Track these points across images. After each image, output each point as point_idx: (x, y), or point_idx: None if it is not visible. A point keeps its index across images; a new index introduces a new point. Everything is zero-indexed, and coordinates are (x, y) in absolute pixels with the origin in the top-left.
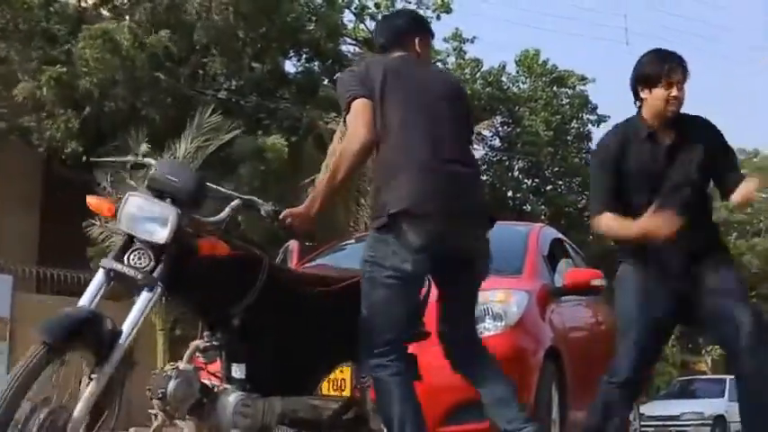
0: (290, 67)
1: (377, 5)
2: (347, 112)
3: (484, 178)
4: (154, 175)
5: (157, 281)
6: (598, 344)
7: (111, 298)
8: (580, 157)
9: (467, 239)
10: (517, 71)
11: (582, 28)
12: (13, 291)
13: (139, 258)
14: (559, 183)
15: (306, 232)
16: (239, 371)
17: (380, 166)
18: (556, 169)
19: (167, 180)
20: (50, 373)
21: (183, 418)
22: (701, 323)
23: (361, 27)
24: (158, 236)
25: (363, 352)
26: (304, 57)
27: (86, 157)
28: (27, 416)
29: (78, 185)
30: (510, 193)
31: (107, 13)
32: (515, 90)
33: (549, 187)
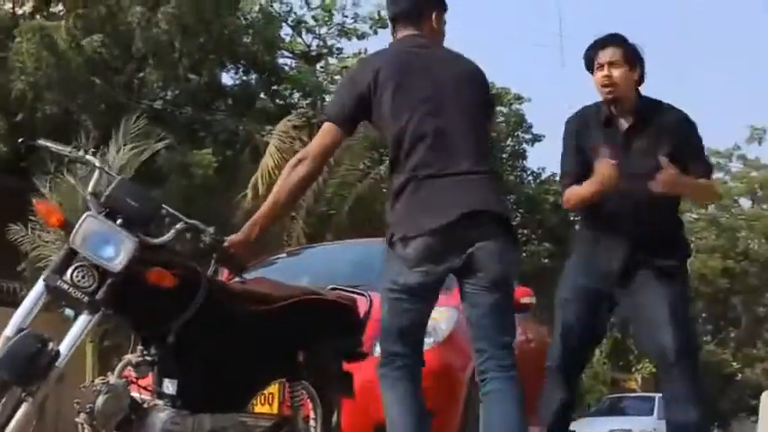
0: (227, 79)
1: (314, 18)
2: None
3: None
4: (112, 194)
5: (101, 306)
6: (527, 361)
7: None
8: (515, 174)
9: (464, 248)
10: None
11: (519, 47)
12: None
13: (83, 277)
14: None
15: (239, 264)
16: (171, 386)
17: (390, 179)
18: None
19: (126, 203)
20: None
21: None
22: (628, 321)
23: (298, 40)
24: (112, 263)
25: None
26: (241, 69)
27: (19, 163)
28: None
29: (5, 192)
30: None
31: (43, 21)
32: None
33: None
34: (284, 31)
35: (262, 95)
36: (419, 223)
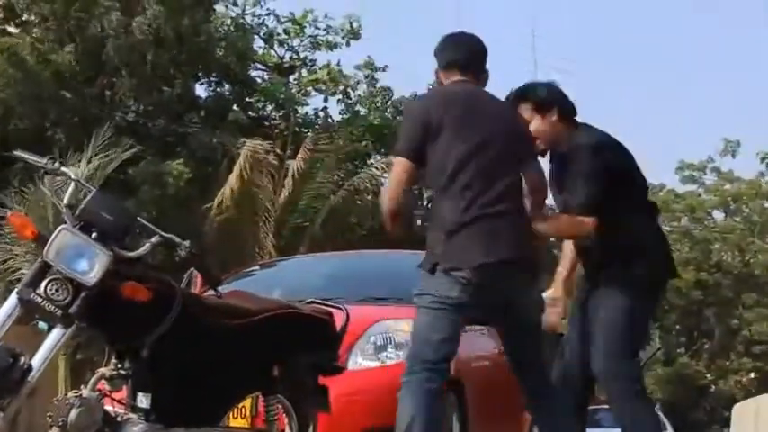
0: (200, 91)
1: (286, 32)
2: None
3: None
4: (87, 207)
5: (74, 320)
6: (500, 374)
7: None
8: None
9: (501, 286)
10: None
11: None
12: None
13: (57, 290)
14: None
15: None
16: (145, 400)
17: (432, 210)
18: None
19: (101, 216)
20: None
21: None
22: None
23: (271, 53)
24: (86, 277)
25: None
26: (214, 81)
27: None
28: None
29: None
30: (419, 222)
31: (14, 30)
32: None
33: None
34: (257, 43)
35: (235, 107)
36: (469, 258)
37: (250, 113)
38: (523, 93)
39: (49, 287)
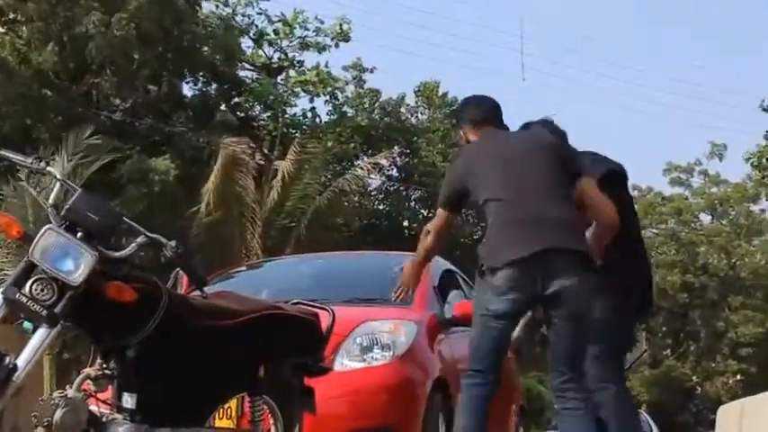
0: (187, 90)
1: (275, 32)
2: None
3: (380, 207)
4: (72, 207)
5: (60, 319)
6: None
7: None
8: None
9: (548, 281)
10: (416, 102)
11: (482, 62)
12: None
13: (43, 290)
14: None
15: (201, 278)
16: (130, 400)
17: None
18: None
19: (87, 216)
20: None
21: None
22: None
23: (260, 53)
24: (72, 277)
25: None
26: (201, 80)
27: None
28: None
29: None
30: (406, 223)
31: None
32: (413, 121)
33: None
34: (246, 43)
35: (222, 107)
36: (505, 255)
37: (238, 113)
38: (542, 121)
39: (34, 287)
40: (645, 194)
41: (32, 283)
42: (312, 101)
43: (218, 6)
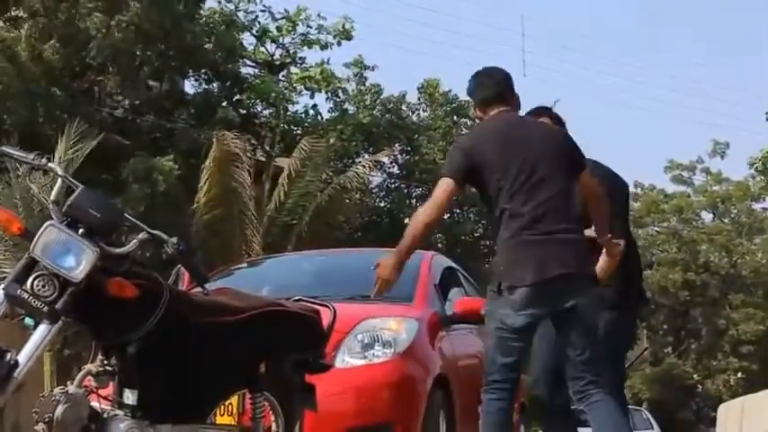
0: (189, 87)
1: (278, 29)
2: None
3: (382, 205)
4: (74, 203)
5: (61, 315)
6: None
7: None
8: None
9: (566, 298)
10: (419, 98)
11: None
12: None
13: (44, 286)
14: (456, 212)
15: (203, 275)
16: (131, 396)
17: (494, 233)
18: (453, 198)
19: (88, 212)
20: None
21: None
22: None
23: (261, 49)
24: (73, 273)
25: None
26: (203, 77)
27: None
28: None
29: None
30: (407, 221)
31: (1, 24)
32: (414, 118)
33: (446, 216)
34: (248, 39)
35: (224, 104)
36: (524, 276)
37: (240, 110)
38: (543, 108)
39: (35, 283)
40: (648, 191)
41: (33, 280)
42: (312, 97)
43: (220, 2)
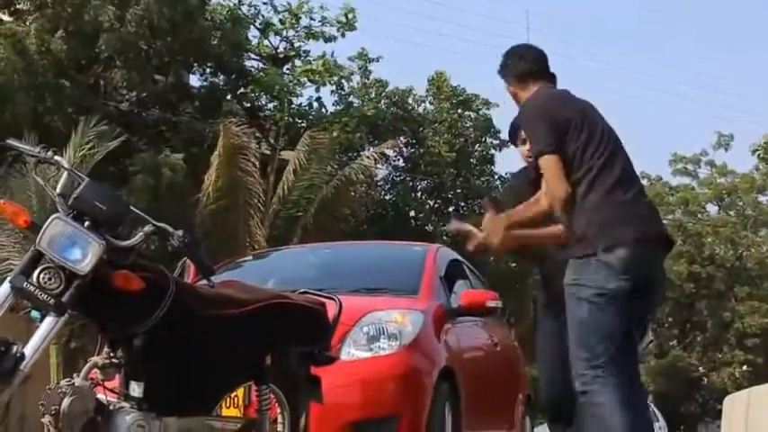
0: (194, 81)
1: (281, 22)
2: (535, 159)
3: (387, 197)
4: (80, 196)
5: (67, 308)
6: (493, 365)
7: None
8: (483, 179)
9: (654, 266)
10: (427, 90)
11: (490, 53)
12: None
13: (50, 278)
14: (462, 204)
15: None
16: (137, 389)
17: (585, 204)
18: (458, 191)
19: (94, 205)
20: None
21: None
22: None
23: (266, 43)
24: (79, 266)
25: (575, 366)
26: (208, 71)
27: None
28: None
29: None
30: (413, 213)
31: (8, 18)
32: (420, 111)
33: (451, 208)
34: (251, 33)
35: (228, 98)
36: (624, 234)
37: (245, 104)
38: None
39: (41, 276)
40: (654, 183)
41: (40, 272)
42: (318, 90)
43: None
